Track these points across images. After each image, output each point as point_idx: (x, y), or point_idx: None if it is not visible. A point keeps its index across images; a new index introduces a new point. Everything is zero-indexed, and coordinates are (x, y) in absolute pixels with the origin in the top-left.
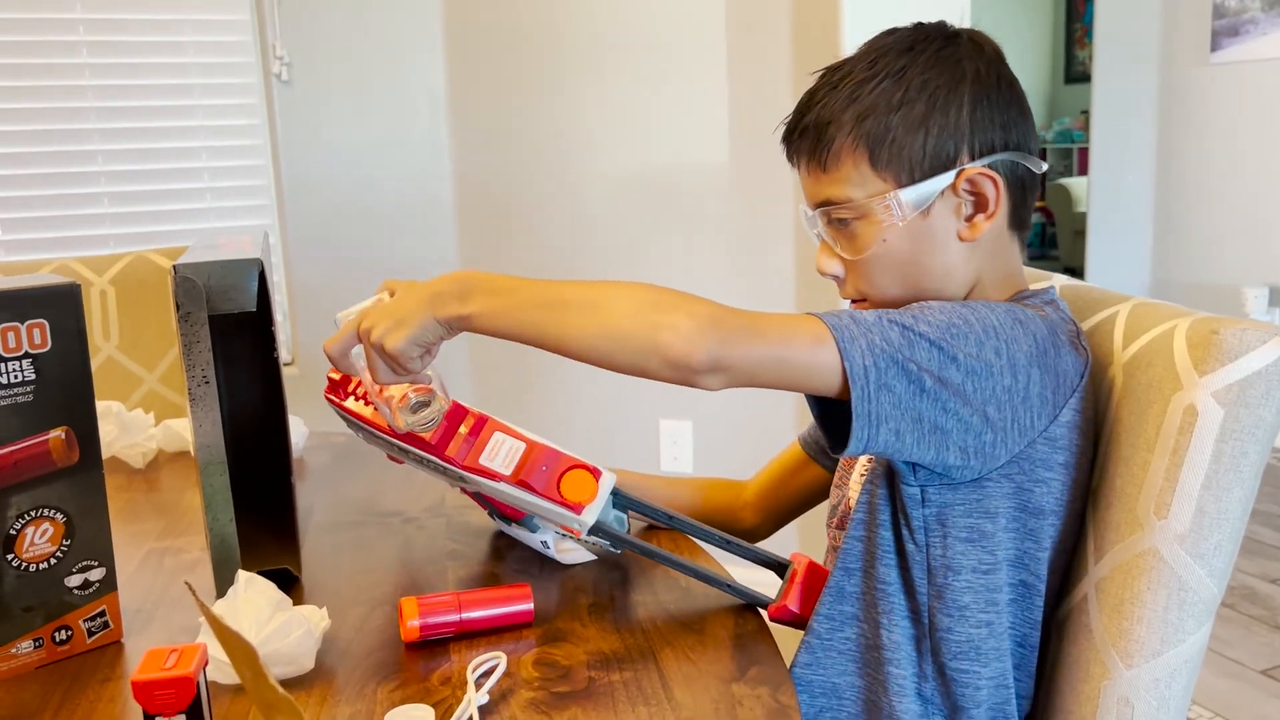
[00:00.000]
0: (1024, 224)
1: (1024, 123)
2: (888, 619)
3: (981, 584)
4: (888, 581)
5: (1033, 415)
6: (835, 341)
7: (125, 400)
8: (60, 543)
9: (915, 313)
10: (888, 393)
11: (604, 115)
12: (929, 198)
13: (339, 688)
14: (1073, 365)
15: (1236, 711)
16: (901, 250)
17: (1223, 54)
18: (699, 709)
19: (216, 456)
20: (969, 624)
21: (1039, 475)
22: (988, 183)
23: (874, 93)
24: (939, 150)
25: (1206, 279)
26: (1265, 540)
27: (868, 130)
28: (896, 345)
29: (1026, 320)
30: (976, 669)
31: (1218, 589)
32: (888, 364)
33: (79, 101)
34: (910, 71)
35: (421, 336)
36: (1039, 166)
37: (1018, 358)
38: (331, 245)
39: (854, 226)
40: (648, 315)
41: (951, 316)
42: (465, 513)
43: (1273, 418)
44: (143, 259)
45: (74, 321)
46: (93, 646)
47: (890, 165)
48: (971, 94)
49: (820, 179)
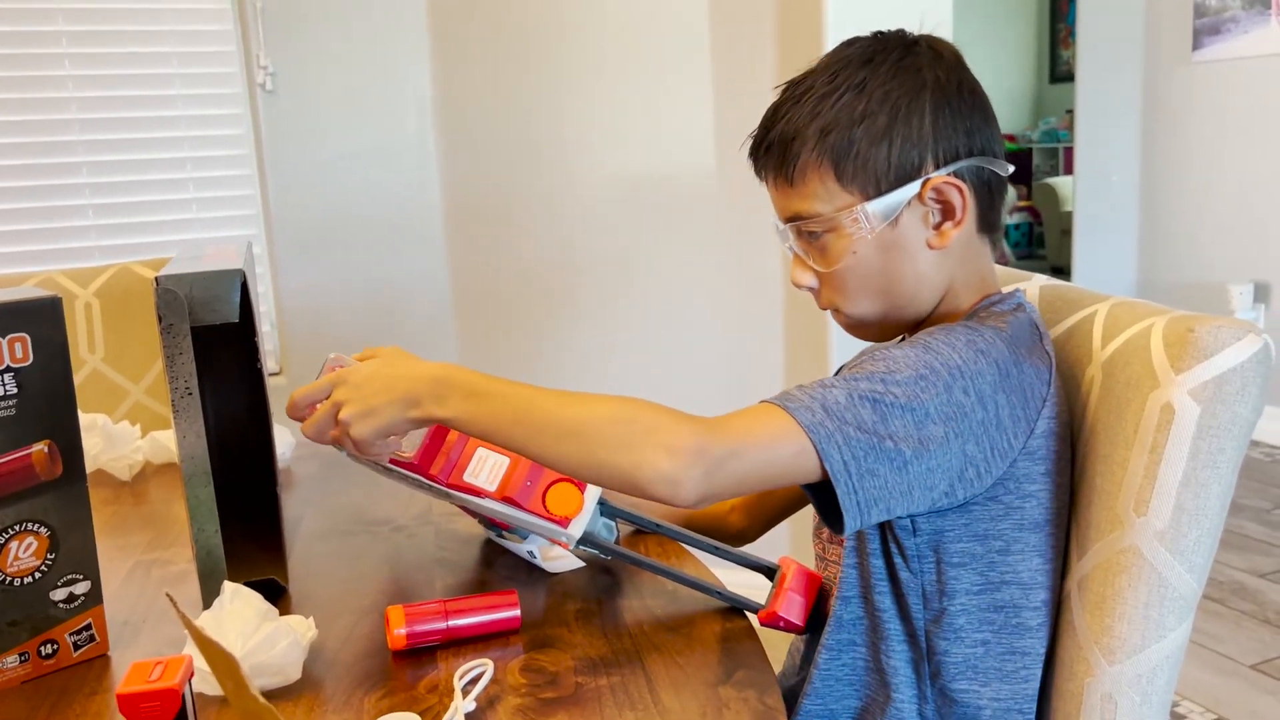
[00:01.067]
0: (994, 226)
1: (987, 126)
2: (885, 645)
3: (976, 604)
4: (883, 609)
5: (1008, 438)
6: (811, 444)
7: (111, 412)
8: (45, 556)
9: (883, 374)
10: (871, 478)
11: (591, 122)
12: (896, 209)
13: (326, 697)
14: (1037, 376)
15: (1227, 706)
16: (872, 261)
17: (1204, 52)
18: (685, 713)
19: (201, 468)
20: (965, 644)
21: (1025, 490)
22: (953, 191)
23: (836, 106)
24: (903, 161)
25: (1192, 276)
26: (1253, 535)
27: (831, 144)
28: (871, 427)
29: (987, 348)
30: (977, 688)
31: (1197, 585)
32: (865, 452)
33: (62, 114)
34: (871, 83)
35: (389, 429)
36: (1005, 169)
37: (984, 390)
38: (319, 254)
39: (824, 239)
40: (628, 451)
41: (917, 367)
42: (453, 520)
43: (1248, 414)
44: (127, 271)
45: (56, 335)
46: (79, 660)
47: (856, 178)
48: (933, 102)
49: (788, 194)
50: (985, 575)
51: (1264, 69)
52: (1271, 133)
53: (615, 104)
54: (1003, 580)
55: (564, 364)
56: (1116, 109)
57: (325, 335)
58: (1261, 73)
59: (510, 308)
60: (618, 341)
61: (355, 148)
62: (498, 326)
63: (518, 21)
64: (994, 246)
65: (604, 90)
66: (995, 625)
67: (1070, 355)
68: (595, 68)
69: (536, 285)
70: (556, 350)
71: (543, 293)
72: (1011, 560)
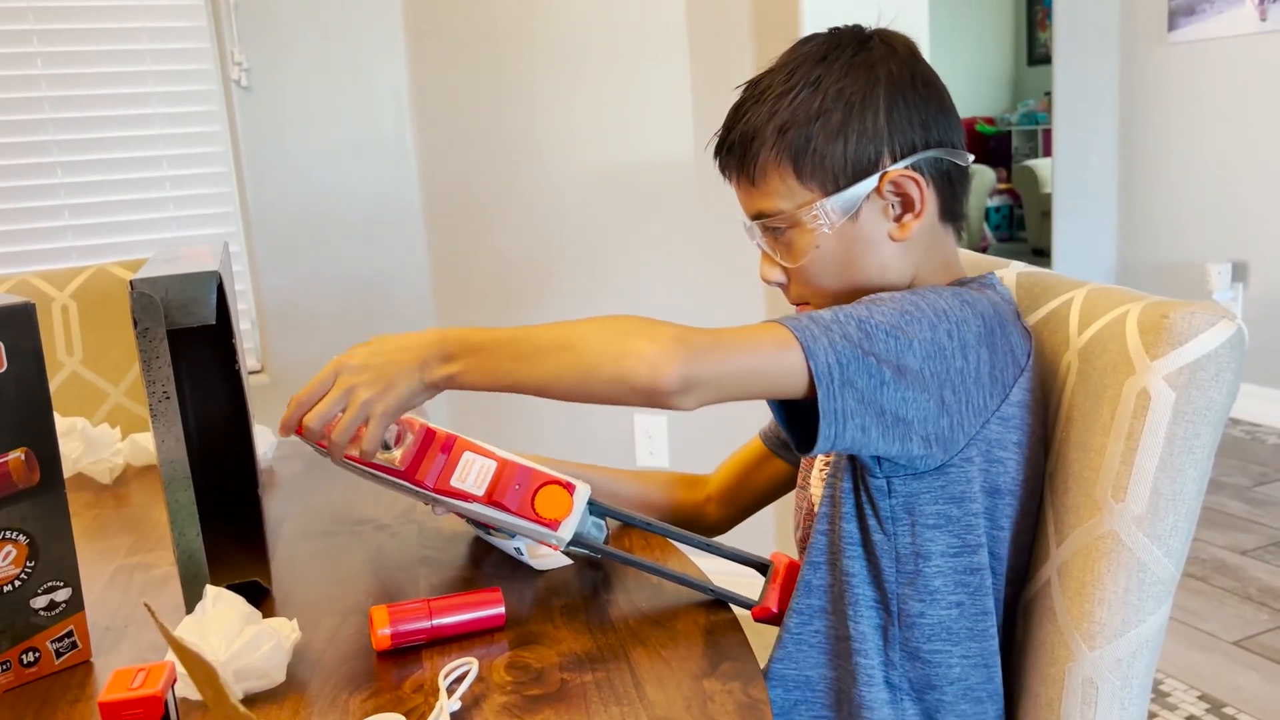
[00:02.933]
0: (956, 215)
1: (944, 118)
2: (854, 610)
3: (951, 566)
4: (852, 573)
5: (984, 395)
6: (799, 343)
7: (91, 416)
8: (24, 564)
9: (869, 304)
10: (851, 389)
11: (569, 114)
12: (855, 203)
13: (311, 699)
14: (1019, 344)
15: (1210, 683)
16: (836, 255)
17: (1180, 33)
18: (671, 707)
19: (181, 472)
20: (940, 606)
21: (995, 455)
22: (911, 184)
23: (793, 104)
24: (860, 156)
25: (1171, 256)
26: (1234, 513)
27: (790, 142)
28: (856, 339)
29: (974, 301)
30: (949, 648)
31: (1175, 569)
32: (850, 359)
33: (35, 114)
34: (825, 80)
35: (409, 400)
36: (965, 159)
37: (968, 338)
38: (299, 251)
39: (788, 235)
40: (613, 345)
41: (903, 304)
42: (436, 519)
43: (1223, 399)
44: (104, 272)
45: (30, 341)
46: (62, 667)
47: (815, 175)
48: (887, 97)
49: (751, 192)
50: (962, 539)
51: (1239, 49)
52: (1248, 113)
53: (593, 96)
54: (979, 543)
55: None
56: (1094, 91)
57: (306, 332)
58: (1237, 53)
59: (491, 302)
60: None
61: (333, 144)
62: (479, 321)
63: (493, 15)
64: (958, 235)
65: (582, 83)
66: (970, 588)
67: (1047, 342)
68: (573, 60)
69: (517, 279)
70: None
71: (524, 286)
72: (984, 524)
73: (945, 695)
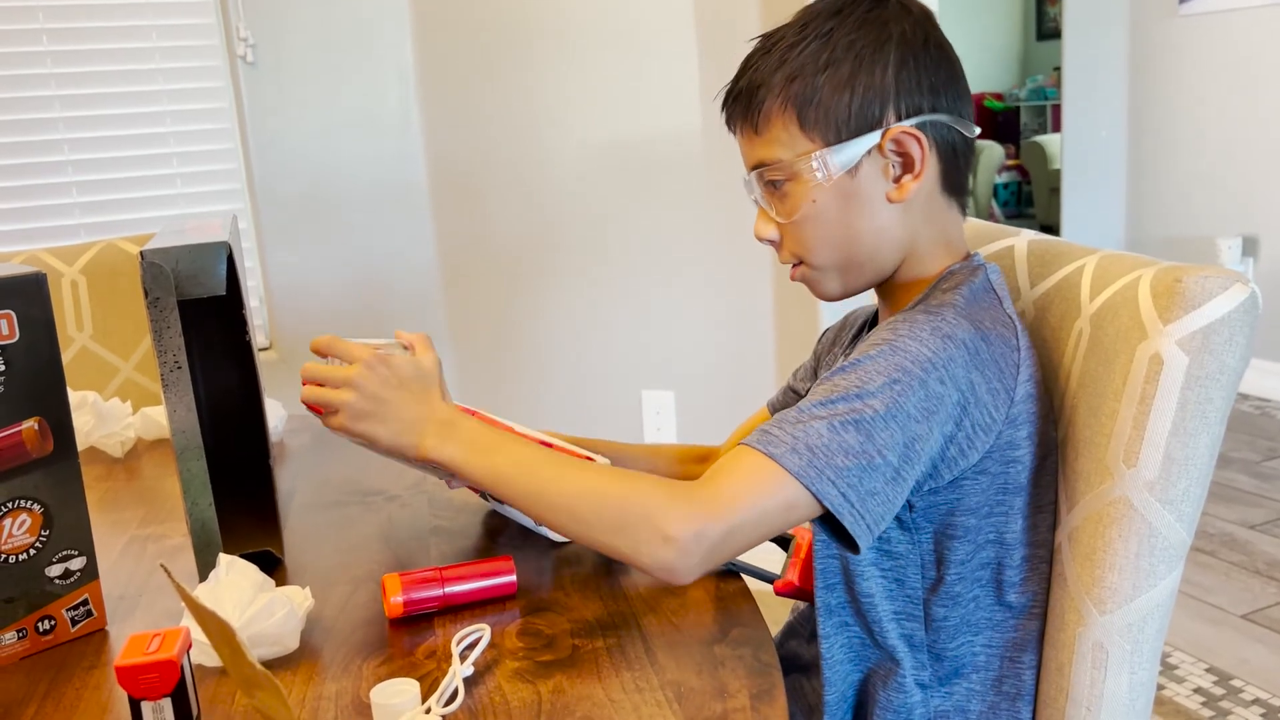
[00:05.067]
0: (959, 188)
1: (954, 85)
2: (879, 627)
3: (968, 567)
4: (869, 593)
5: (988, 412)
6: (806, 489)
7: (102, 390)
8: (39, 533)
9: (858, 390)
10: (873, 498)
11: (575, 88)
12: (855, 158)
13: (324, 666)
14: (1005, 344)
15: (1218, 656)
16: (831, 210)
17: (1191, 5)
18: (682, 671)
19: (193, 442)
20: (961, 606)
21: (1010, 456)
22: (913, 142)
23: (802, 55)
24: (864, 110)
25: (1180, 231)
26: (1243, 488)
27: (796, 91)
28: (858, 450)
29: (952, 331)
30: (970, 638)
31: (1187, 534)
32: (860, 476)
33: (42, 90)
34: (837, 33)
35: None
36: (971, 131)
37: (957, 374)
38: (305, 227)
39: (785, 188)
40: (624, 536)
41: (889, 372)
42: (447, 489)
43: (1236, 363)
44: (112, 247)
45: (41, 311)
46: (77, 635)
47: (818, 125)
48: (897, 55)
49: (754, 141)
50: (975, 540)
51: (1250, 21)
52: (1258, 86)
53: (599, 72)
54: (988, 540)
55: (552, 331)
56: (1104, 65)
57: (313, 308)
58: (1247, 25)
59: (498, 276)
60: (606, 307)
61: (338, 119)
62: (485, 296)
63: None
64: (962, 209)
65: (588, 58)
66: (983, 581)
67: (1058, 309)
68: (579, 36)
69: (524, 253)
70: (545, 317)
71: (530, 261)
72: (995, 522)
73: (974, 684)
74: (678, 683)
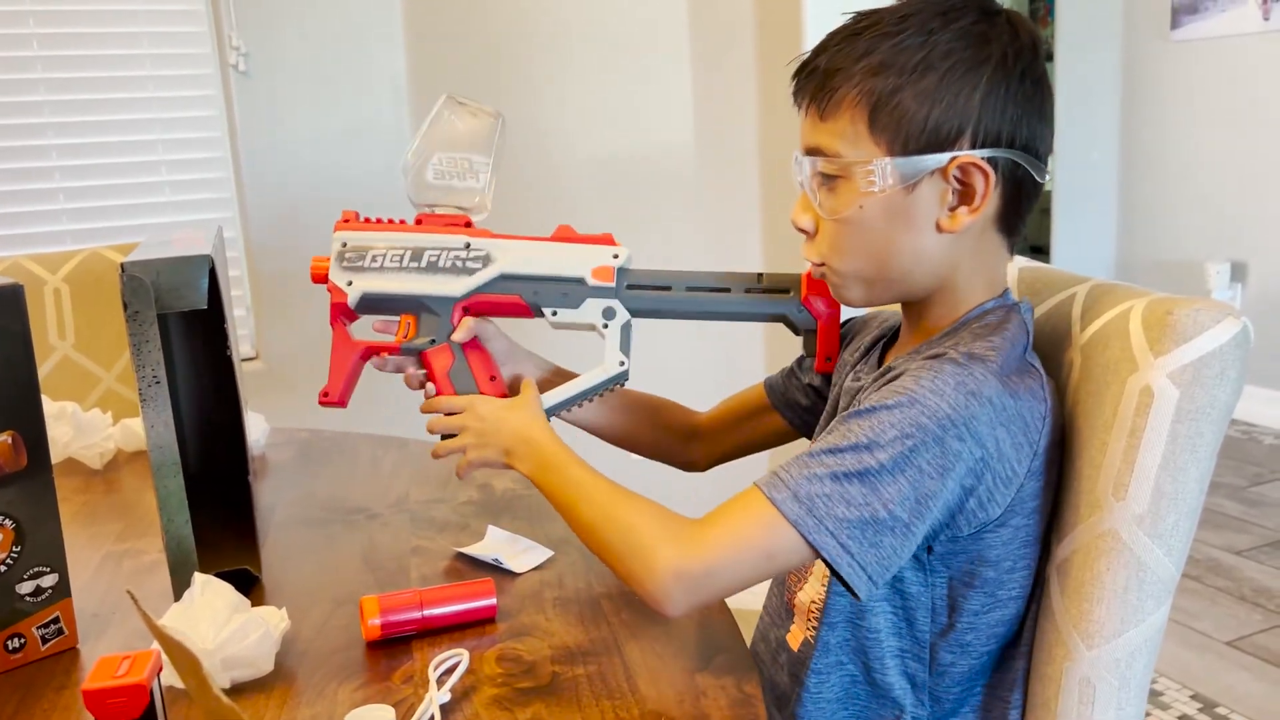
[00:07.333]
0: (1014, 229)
1: (1038, 124)
2: (880, 664)
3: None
4: (876, 629)
5: (1011, 466)
6: (802, 537)
7: (83, 400)
8: (10, 549)
9: (868, 435)
10: (875, 550)
11: (568, 101)
12: (916, 174)
13: (299, 689)
14: (1034, 397)
15: (1203, 683)
16: (875, 221)
17: (1183, 31)
18: (663, 701)
19: (170, 458)
20: (971, 657)
21: (1030, 508)
22: (978, 175)
23: (894, 49)
24: (940, 128)
25: (1170, 255)
26: (1229, 513)
27: (875, 87)
28: (862, 504)
29: (978, 388)
30: (974, 684)
31: (1175, 569)
32: (862, 531)
33: (31, 95)
34: (938, 36)
35: (489, 465)
36: (1042, 174)
37: (980, 431)
38: (295, 237)
39: (835, 184)
40: (623, 564)
41: (903, 427)
42: (429, 508)
43: (1227, 398)
44: (97, 255)
45: (17, 324)
46: (47, 654)
47: (887, 130)
48: (990, 79)
49: (817, 124)
50: (994, 595)
51: (1242, 48)
52: (1249, 112)
53: (593, 84)
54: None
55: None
56: (1096, 89)
57: (302, 319)
58: (1239, 52)
59: None
60: None
61: (330, 129)
62: None
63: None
64: (1011, 251)
65: (581, 70)
66: (999, 637)
67: (1050, 338)
68: (572, 47)
69: None
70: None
71: None
72: (1019, 578)
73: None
74: (658, 714)
